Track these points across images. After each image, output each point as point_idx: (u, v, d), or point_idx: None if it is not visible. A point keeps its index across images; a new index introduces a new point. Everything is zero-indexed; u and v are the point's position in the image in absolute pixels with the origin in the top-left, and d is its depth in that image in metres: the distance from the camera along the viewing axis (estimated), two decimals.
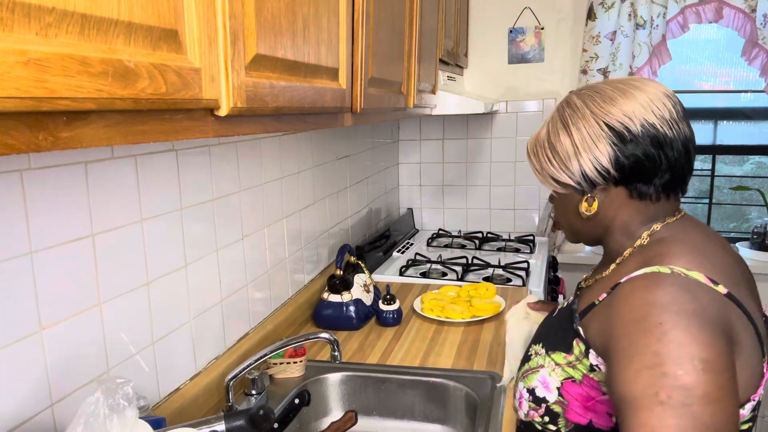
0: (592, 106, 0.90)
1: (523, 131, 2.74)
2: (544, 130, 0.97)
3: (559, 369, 0.92)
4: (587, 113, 0.90)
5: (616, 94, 0.89)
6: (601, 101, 0.89)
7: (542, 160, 0.96)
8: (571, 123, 0.91)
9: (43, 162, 0.84)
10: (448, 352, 1.53)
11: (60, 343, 0.88)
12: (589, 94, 0.92)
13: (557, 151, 0.92)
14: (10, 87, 0.39)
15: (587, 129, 0.89)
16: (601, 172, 0.89)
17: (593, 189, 0.92)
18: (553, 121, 0.95)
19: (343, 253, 1.77)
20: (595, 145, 0.88)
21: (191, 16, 0.59)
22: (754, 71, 2.41)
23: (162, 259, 1.11)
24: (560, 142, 0.92)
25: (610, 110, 0.88)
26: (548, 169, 0.95)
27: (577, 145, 0.90)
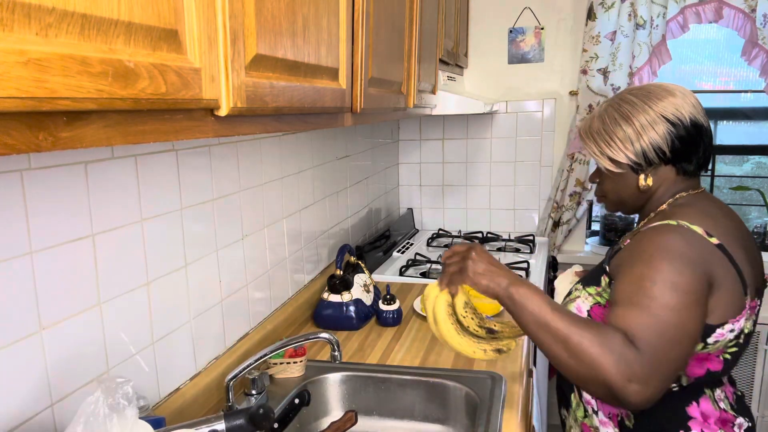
0: (649, 102, 1.14)
1: (523, 131, 2.74)
2: (597, 121, 1.19)
3: (590, 298, 1.17)
4: (646, 107, 1.14)
5: (665, 93, 1.14)
6: (656, 98, 1.14)
7: (602, 145, 1.17)
8: (632, 115, 1.14)
9: (43, 162, 0.84)
10: (448, 352, 1.53)
11: (60, 343, 0.88)
12: (643, 94, 1.16)
13: (619, 138, 1.15)
14: (10, 87, 0.39)
15: (647, 119, 1.13)
16: (658, 153, 1.13)
17: (649, 167, 1.15)
18: (610, 114, 1.17)
19: (343, 253, 1.77)
20: (654, 131, 1.12)
21: (191, 16, 0.59)
22: (754, 71, 2.41)
23: (162, 259, 1.11)
24: (622, 130, 1.14)
25: (664, 105, 1.13)
26: (608, 152, 1.16)
27: (638, 132, 1.13)
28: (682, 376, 1.08)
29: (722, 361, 1.07)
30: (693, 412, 1.10)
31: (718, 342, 1.05)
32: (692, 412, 1.10)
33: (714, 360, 1.07)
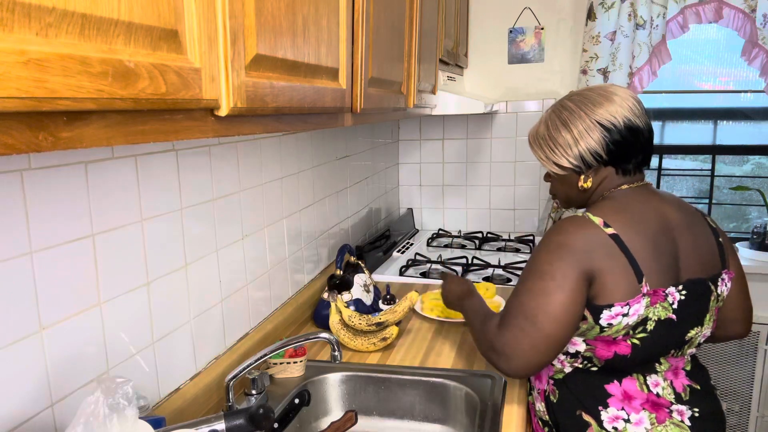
0: (585, 109, 1.21)
1: (523, 131, 2.74)
2: (542, 127, 1.27)
3: None
4: (582, 114, 1.21)
5: (601, 99, 1.20)
6: (591, 104, 1.20)
7: (546, 150, 1.26)
8: (570, 122, 1.22)
9: (43, 162, 0.84)
10: (448, 352, 1.53)
11: (60, 343, 0.88)
12: (579, 99, 1.23)
13: (560, 144, 1.23)
14: (11, 87, 0.39)
15: (583, 125, 1.20)
16: (595, 156, 1.21)
17: (588, 170, 1.23)
18: (552, 120, 1.25)
19: (343, 253, 1.77)
20: (590, 137, 1.20)
21: (191, 16, 0.59)
22: (754, 71, 2.41)
23: (162, 259, 1.11)
24: (562, 136, 1.22)
25: (598, 111, 1.19)
26: (552, 157, 1.25)
27: (576, 138, 1.21)
28: (593, 357, 1.17)
29: (630, 346, 1.13)
30: (612, 390, 1.17)
31: (613, 326, 1.11)
32: (611, 389, 1.17)
33: (621, 344, 1.13)
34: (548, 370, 1.26)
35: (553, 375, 1.25)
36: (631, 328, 1.12)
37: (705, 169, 2.83)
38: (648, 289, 1.11)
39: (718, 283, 1.21)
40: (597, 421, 1.16)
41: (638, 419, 1.15)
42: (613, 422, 1.15)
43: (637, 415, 1.15)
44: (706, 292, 1.18)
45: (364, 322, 1.56)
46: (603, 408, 1.17)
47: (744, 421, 2.61)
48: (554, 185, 1.33)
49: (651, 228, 1.15)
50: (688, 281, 1.16)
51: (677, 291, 1.14)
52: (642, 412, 1.15)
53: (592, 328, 1.13)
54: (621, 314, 1.10)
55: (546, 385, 1.27)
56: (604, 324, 1.12)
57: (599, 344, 1.15)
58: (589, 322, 1.12)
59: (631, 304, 1.10)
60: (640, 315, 1.11)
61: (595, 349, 1.15)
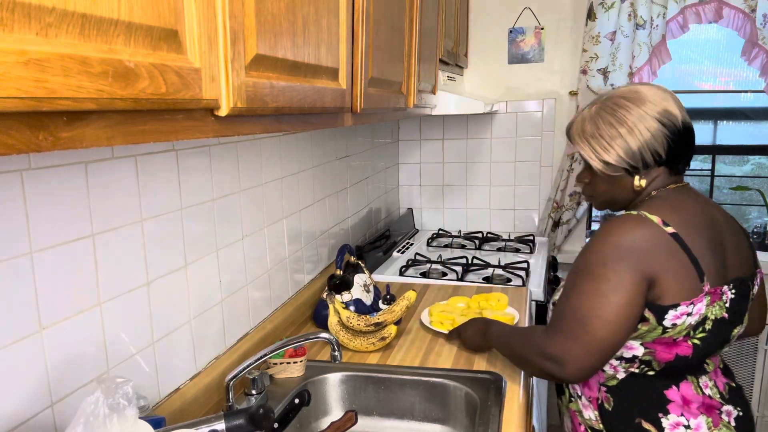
0: (644, 106, 1.17)
1: (523, 131, 2.74)
2: (590, 124, 1.21)
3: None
4: (641, 112, 1.16)
5: (657, 98, 1.18)
6: (650, 102, 1.17)
7: (597, 148, 1.20)
8: (626, 119, 1.17)
9: (43, 162, 0.84)
10: (448, 352, 1.53)
11: (60, 343, 0.88)
12: (634, 97, 1.18)
13: (615, 142, 1.18)
14: (11, 87, 0.39)
15: (645, 124, 1.16)
16: (654, 155, 1.17)
17: (644, 169, 1.19)
18: (604, 117, 1.20)
19: (343, 253, 1.77)
20: (653, 137, 1.16)
21: (191, 16, 0.59)
22: (754, 71, 2.41)
23: (162, 259, 1.11)
24: (618, 133, 1.17)
25: (658, 109, 1.16)
26: (603, 155, 1.19)
27: (636, 136, 1.16)
28: (653, 360, 1.13)
29: (691, 347, 1.11)
30: (672, 395, 1.15)
31: (677, 325, 1.09)
32: (671, 395, 1.15)
33: (682, 345, 1.11)
34: (598, 377, 1.21)
35: (605, 382, 1.20)
36: (692, 328, 1.10)
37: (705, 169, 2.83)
38: (709, 287, 1.10)
39: (755, 281, 1.23)
40: (658, 429, 1.14)
41: (697, 424, 1.13)
42: (674, 429, 1.13)
43: (695, 420, 1.13)
44: (747, 291, 1.19)
45: (363, 322, 1.56)
46: (663, 415, 1.14)
47: None
48: (598, 186, 1.26)
49: (705, 227, 1.14)
50: (735, 280, 1.16)
51: (729, 290, 1.14)
52: (700, 417, 1.13)
53: (654, 329, 1.10)
54: (686, 314, 1.08)
55: (598, 393, 1.21)
56: (668, 325, 1.09)
57: (659, 347, 1.12)
58: (651, 323, 1.10)
59: (695, 303, 1.08)
60: (701, 314, 1.10)
61: (655, 352, 1.12)
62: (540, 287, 2.04)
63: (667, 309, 1.08)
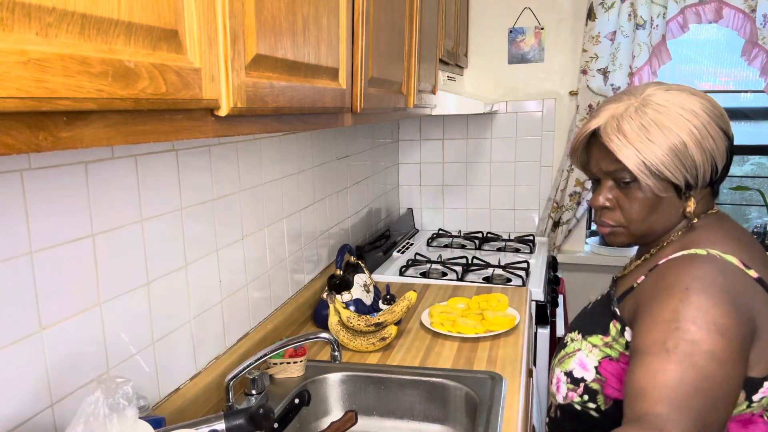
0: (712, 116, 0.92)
1: (523, 131, 2.74)
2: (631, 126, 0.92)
3: (596, 350, 0.97)
4: (712, 122, 0.92)
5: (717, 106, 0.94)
6: (720, 113, 0.93)
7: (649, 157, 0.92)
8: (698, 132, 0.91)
9: (43, 162, 0.84)
10: (448, 352, 1.53)
11: (60, 343, 0.88)
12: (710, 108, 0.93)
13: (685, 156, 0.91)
14: (11, 87, 0.39)
15: (715, 137, 0.92)
16: (714, 173, 0.93)
17: (693, 189, 0.94)
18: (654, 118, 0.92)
19: (343, 253, 1.77)
20: (719, 151, 0.92)
21: (191, 16, 0.59)
22: (754, 71, 2.41)
23: (162, 259, 1.11)
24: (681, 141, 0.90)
25: (724, 119, 0.93)
26: (661, 168, 0.91)
27: (703, 146, 0.91)
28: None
29: (766, 422, 0.89)
30: None
31: (764, 398, 0.87)
32: None
33: (758, 422, 0.89)
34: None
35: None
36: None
37: None
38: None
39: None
40: None
41: None
42: None
43: None
44: None
45: (363, 322, 1.56)
46: None
47: None
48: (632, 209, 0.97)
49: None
50: None
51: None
52: None
53: (738, 406, 0.86)
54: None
55: None
56: (756, 399, 0.86)
57: (733, 425, 0.89)
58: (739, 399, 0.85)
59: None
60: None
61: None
62: (540, 287, 2.04)
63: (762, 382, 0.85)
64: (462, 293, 1.97)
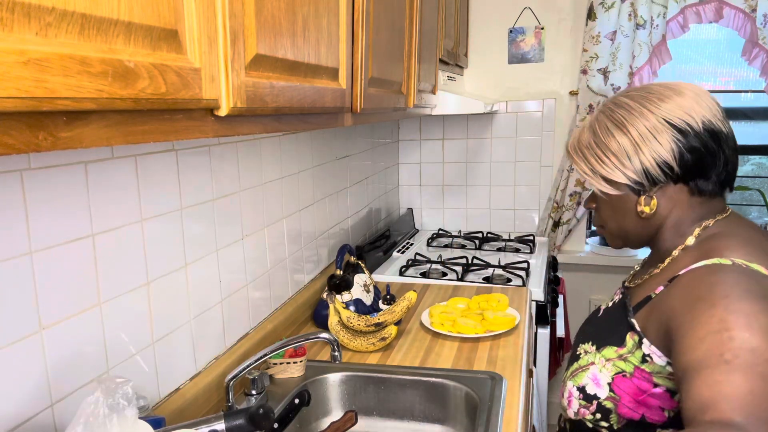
0: (649, 105, 0.92)
1: (523, 131, 2.74)
2: (587, 133, 0.98)
3: (609, 364, 0.94)
4: (645, 111, 0.92)
5: (670, 93, 0.92)
6: (657, 100, 0.92)
7: (593, 162, 0.96)
8: (627, 122, 0.93)
9: (43, 162, 0.84)
10: (447, 352, 1.53)
11: (60, 343, 0.88)
12: (641, 95, 0.94)
13: (612, 151, 0.94)
14: (10, 87, 0.39)
15: (647, 126, 0.91)
16: (664, 168, 0.91)
17: (653, 187, 0.93)
18: (600, 122, 0.97)
19: (343, 253, 1.77)
20: (657, 141, 0.90)
21: (191, 16, 0.59)
22: (754, 71, 2.41)
23: (162, 259, 1.11)
24: (615, 141, 0.93)
25: (668, 108, 0.91)
26: (600, 170, 0.95)
27: (636, 143, 0.91)
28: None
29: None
30: None
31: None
32: None
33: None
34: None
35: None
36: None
37: None
38: None
39: None
40: None
41: None
42: None
43: None
44: None
45: (363, 322, 1.57)
46: None
47: None
48: (603, 212, 1.01)
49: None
50: None
51: None
52: None
53: None
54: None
55: None
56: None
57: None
58: None
59: None
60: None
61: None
62: (540, 287, 2.04)
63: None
64: (462, 293, 1.97)
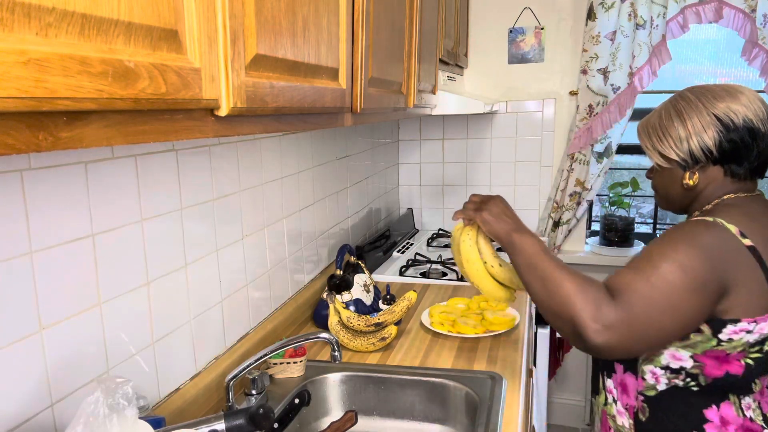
0: (704, 101, 1.13)
1: (523, 131, 2.74)
2: (656, 116, 1.21)
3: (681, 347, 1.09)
4: (700, 106, 1.13)
5: (724, 94, 1.13)
6: (712, 98, 1.13)
7: (654, 140, 1.19)
8: (685, 112, 1.14)
9: (43, 162, 0.84)
10: (448, 352, 1.53)
11: (60, 343, 0.88)
12: (701, 92, 1.16)
13: (670, 134, 1.16)
14: (10, 87, 0.39)
15: (699, 118, 1.13)
16: (705, 152, 1.13)
17: (695, 165, 1.15)
18: (667, 110, 1.19)
19: (343, 253, 1.77)
20: (704, 131, 1.12)
21: (191, 16, 0.59)
22: (754, 71, 2.41)
23: (162, 259, 1.11)
24: (674, 127, 1.15)
25: (718, 105, 1.12)
26: (659, 147, 1.18)
27: (689, 131, 1.13)
28: (700, 375, 1.07)
29: (743, 366, 1.06)
30: (710, 415, 1.09)
31: (733, 341, 1.03)
32: (710, 414, 1.09)
33: (734, 363, 1.05)
34: (637, 385, 1.15)
35: (644, 390, 1.14)
36: (749, 345, 1.05)
37: None
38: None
39: None
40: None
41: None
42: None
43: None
44: None
45: (363, 322, 1.57)
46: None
47: None
48: (656, 180, 1.26)
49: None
50: None
51: None
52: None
53: (708, 341, 1.05)
54: (745, 330, 1.03)
55: (635, 401, 1.16)
56: (724, 338, 1.04)
57: (710, 361, 1.06)
58: (705, 334, 1.04)
59: (759, 322, 1.03)
60: (763, 334, 1.04)
61: (704, 366, 1.07)
62: None
63: (727, 323, 1.03)
64: (462, 293, 1.97)
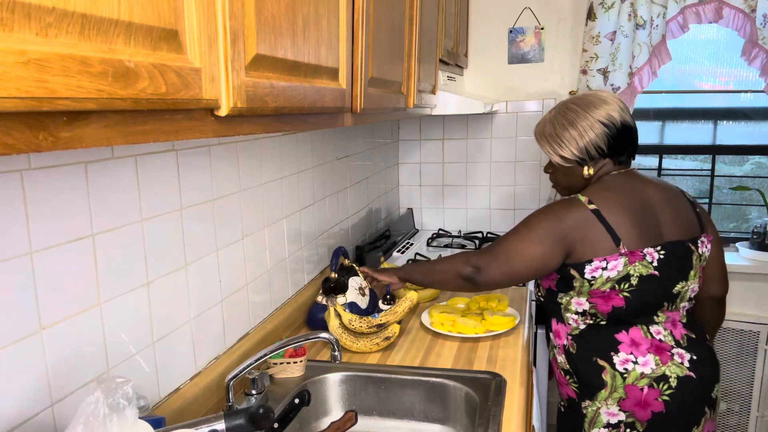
0: (587, 110, 1.45)
1: (523, 131, 2.74)
2: (549, 126, 1.50)
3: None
4: (587, 114, 1.45)
5: (600, 102, 1.46)
6: (593, 106, 1.45)
7: (554, 146, 1.48)
8: (576, 121, 1.45)
9: (43, 162, 0.84)
10: (448, 352, 1.53)
11: (60, 343, 0.88)
12: (582, 103, 1.47)
13: (566, 140, 1.46)
14: (11, 87, 0.39)
15: (587, 123, 1.44)
16: (597, 150, 1.45)
17: (591, 161, 1.47)
18: (558, 120, 1.48)
19: (337, 256, 1.76)
20: (593, 133, 1.44)
21: (191, 16, 0.59)
22: (754, 71, 2.41)
23: (162, 259, 1.11)
24: (568, 133, 1.46)
25: (600, 112, 1.44)
26: (559, 151, 1.48)
27: (581, 133, 1.45)
28: (597, 312, 1.40)
29: (623, 299, 1.37)
30: (621, 338, 1.40)
31: (597, 278, 1.36)
32: (620, 337, 1.40)
33: (615, 298, 1.37)
34: (566, 329, 1.47)
35: (571, 332, 1.46)
36: (616, 282, 1.36)
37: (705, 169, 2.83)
38: (625, 250, 1.35)
39: (698, 244, 1.44)
40: (610, 364, 1.39)
41: (645, 361, 1.37)
42: (623, 364, 1.38)
43: (644, 358, 1.37)
44: (687, 252, 1.41)
45: (365, 324, 1.56)
46: (615, 353, 1.39)
47: (744, 421, 2.61)
48: (557, 175, 1.56)
49: (631, 203, 1.40)
50: (667, 243, 1.39)
51: (655, 251, 1.37)
52: (648, 355, 1.37)
53: (582, 284, 1.38)
54: (600, 268, 1.36)
55: (566, 341, 1.47)
56: (588, 277, 1.37)
57: (598, 300, 1.38)
58: (578, 278, 1.38)
59: (609, 260, 1.35)
60: (620, 271, 1.35)
61: (597, 305, 1.39)
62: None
63: (584, 264, 1.37)
64: (462, 293, 1.97)
